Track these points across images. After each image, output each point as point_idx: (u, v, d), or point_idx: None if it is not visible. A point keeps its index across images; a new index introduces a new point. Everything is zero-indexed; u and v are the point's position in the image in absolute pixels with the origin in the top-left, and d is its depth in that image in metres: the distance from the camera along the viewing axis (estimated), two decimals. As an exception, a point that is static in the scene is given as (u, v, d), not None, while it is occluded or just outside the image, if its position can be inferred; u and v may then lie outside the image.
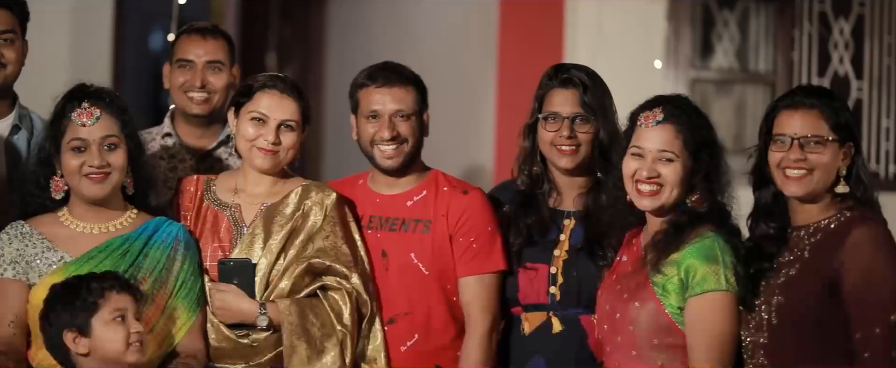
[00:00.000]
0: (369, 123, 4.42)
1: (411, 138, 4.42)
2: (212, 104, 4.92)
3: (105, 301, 3.90)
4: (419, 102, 4.46)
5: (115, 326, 3.90)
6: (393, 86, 4.41)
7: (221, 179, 4.43)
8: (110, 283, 3.93)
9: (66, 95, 4.18)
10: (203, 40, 4.93)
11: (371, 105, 4.41)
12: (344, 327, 4.20)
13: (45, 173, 4.18)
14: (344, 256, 4.25)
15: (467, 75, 6.73)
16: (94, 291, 3.90)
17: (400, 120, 4.40)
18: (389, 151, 4.40)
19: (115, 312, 3.90)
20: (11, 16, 4.70)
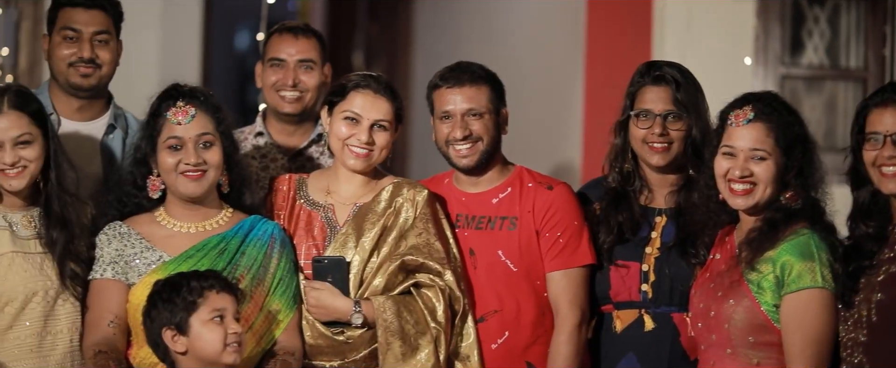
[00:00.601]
0: (443, 124, 4.44)
1: (486, 137, 4.42)
2: (304, 103, 4.95)
3: (204, 301, 3.92)
4: (493, 100, 4.45)
5: (212, 326, 3.92)
6: (463, 85, 4.42)
7: (313, 178, 4.45)
8: (210, 282, 3.95)
9: (162, 94, 4.22)
10: (295, 39, 4.97)
11: (443, 106, 4.43)
12: (437, 324, 4.22)
13: (141, 172, 4.23)
14: (437, 253, 4.27)
15: (555, 72, 6.71)
16: (194, 290, 3.92)
17: (472, 119, 4.41)
18: (463, 150, 4.41)
19: (214, 312, 3.92)
20: (106, 16, 4.77)
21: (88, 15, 4.75)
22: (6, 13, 7.97)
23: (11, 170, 4.09)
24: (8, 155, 4.08)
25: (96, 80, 4.76)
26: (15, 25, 8.23)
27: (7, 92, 4.13)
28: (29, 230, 4.16)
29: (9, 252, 4.09)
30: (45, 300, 4.10)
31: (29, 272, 4.09)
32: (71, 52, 4.73)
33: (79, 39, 4.73)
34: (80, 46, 4.72)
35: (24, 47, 8.25)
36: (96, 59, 4.74)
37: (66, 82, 4.73)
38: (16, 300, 4.06)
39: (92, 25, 4.74)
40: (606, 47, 6.29)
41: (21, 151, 4.09)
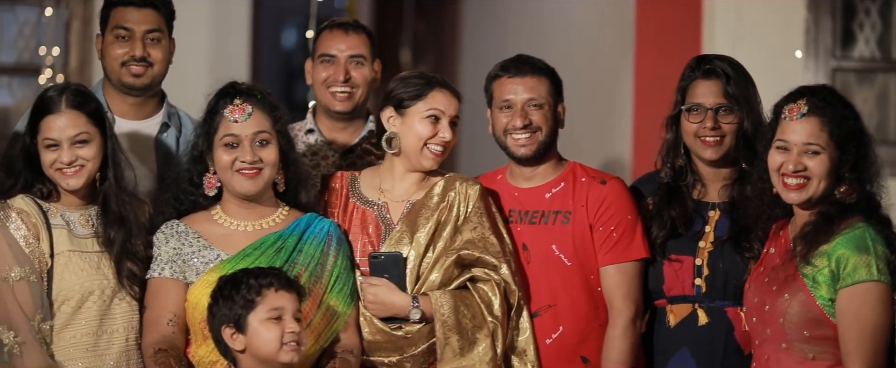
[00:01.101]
0: (503, 113, 4.46)
1: (544, 127, 4.44)
2: (354, 99, 4.96)
3: (262, 299, 3.91)
4: (552, 93, 4.47)
5: (270, 325, 3.91)
6: (525, 75, 4.45)
7: (365, 176, 4.46)
8: (269, 281, 3.93)
9: (219, 91, 4.24)
10: (345, 35, 4.98)
11: (504, 95, 4.45)
12: (494, 318, 4.22)
13: (198, 169, 4.25)
14: (492, 246, 4.27)
15: (604, 67, 6.70)
16: (252, 288, 3.91)
17: (532, 109, 4.43)
18: (522, 139, 4.42)
19: (272, 311, 3.91)
20: (158, 15, 4.80)
21: (140, 14, 4.77)
22: (56, 13, 8.03)
23: (69, 169, 4.11)
24: (65, 154, 4.10)
25: (149, 78, 4.78)
26: (65, 26, 8.30)
27: (65, 91, 4.16)
28: (86, 228, 4.18)
29: (66, 251, 4.11)
30: (101, 299, 4.12)
31: (86, 272, 4.11)
32: (123, 51, 4.76)
33: (131, 38, 4.76)
34: (133, 45, 4.75)
35: (74, 47, 8.32)
36: (148, 57, 4.77)
37: (118, 81, 4.76)
38: (72, 298, 4.08)
39: (144, 24, 4.77)
40: (656, 41, 6.27)
41: (78, 150, 4.11)
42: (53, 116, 4.11)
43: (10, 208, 4.09)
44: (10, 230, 4.05)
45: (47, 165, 4.11)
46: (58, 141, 4.11)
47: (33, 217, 4.09)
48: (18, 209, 4.08)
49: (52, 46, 7.85)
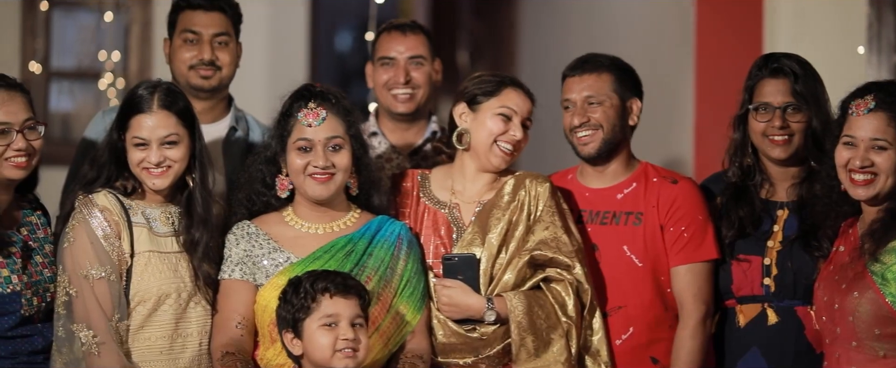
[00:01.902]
0: (566, 113, 4.47)
1: (606, 124, 4.43)
2: (416, 100, 4.97)
3: (317, 305, 3.90)
4: (617, 89, 4.46)
5: (324, 331, 3.90)
6: (584, 74, 4.46)
7: (436, 175, 4.45)
8: (325, 286, 3.91)
9: (294, 94, 4.24)
10: (404, 37, 4.99)
11: (566, 94, 4.48)
12: (568, 318, 4.21)
13: (271, 171, 4.25)
14: (565, 246, 4.26)
15: (664, 66, 6.67)
16: (307, 293, 3.91)
17: (591, 107, 4.43)
18: (584, 137, 4.43)
19: (327, 317, 3.90)
20: (226, 18, 4.84)
21: (208, 17, 4.81)
22: (117, 18, 8.09)
23: (156, 169, 4.13)
24: (154, 154, 4.12)
25: (217, 81, 4.82)
26: (125, 30, 8.36)
27: (157, 90, 4.17)
28: (166, 226, 4.20)
29: (146, 251, 4.13)
30: (177, 302, 4.14)
31: (163, 274, 4.13)
32: (191, 54, 4.79)
33: (199, 42, 4.80)
34: (201, 49, 4.79)
35: (133, 51, 8.39)
36: (216, 60, 4.81)
37: (187, 84, 4.80)
38: (149, 300, 4.10)
39: (212, 28, 4.81)
40: (716, 40, 6.23)
41: (167, 151, 4.13)
42: (144, 115, 4.13)
43: (94, 204, 4.10)
44: (93, 226, 4.07)
45: (134, 163, 4.13)
46: (147, 141, 4.12)
47: (115, 215, 4.11)
48: (102, 207, 4.10)
49: (111, 50, 7.91)
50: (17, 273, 4.08)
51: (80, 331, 4.03)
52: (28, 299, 4.08)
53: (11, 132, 4.07)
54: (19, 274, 4.08)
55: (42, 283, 4.11)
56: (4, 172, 4.09)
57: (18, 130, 4.08)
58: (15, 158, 4.08)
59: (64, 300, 4.06)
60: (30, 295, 4.09)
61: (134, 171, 4.15)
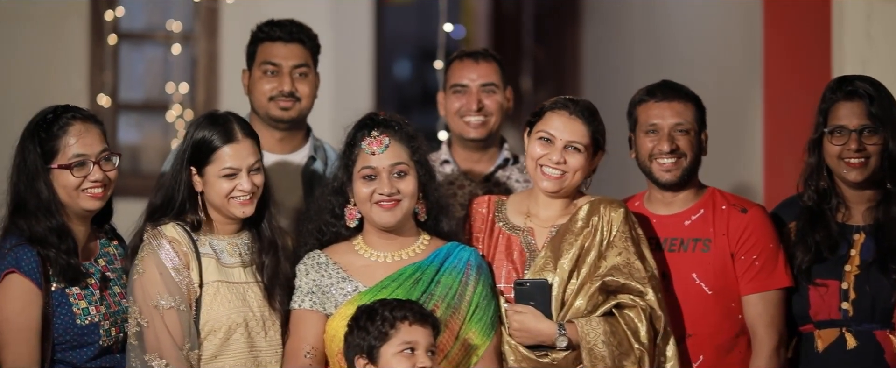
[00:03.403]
0: (648, 138, 4.44)
1: (689, 154, 4.42)
2: (488, 127, 4.97)
3: (396, 332, 3.93)
4: (697, 120, 4.46)
5: (402, 358, 3.92)
6: (672, 100, 4.43)
7: (512, 201, 4.44)
8: (404, 314, 3.94)
9: (357, 123, 4.26)
10: (475, 64, 5.00)
11: (650, 119, 4.43)
12: (641, 345, 4.17)
13: (339, 201, 4.27)
14: (637, 272, 4.22)
15: (732, 91, 6.64)
16: (386, 320, 3.93)
17: (679, 134, 4.41)
18: (668, 164, 4.40)
19: (405, 344, 3.92)
20: (305, 50, 4.88)
21: (288, 49, 4.86)
22: (184, 51, 8.18)
23: (245, 197, 4.17)
24: (245, 182, 4.16)
25: (296, 112, 4.86)
26: (192, 62, 8.44)
27: (235, 120, 4.22)
28: (233, 257, 4.22)
29: (214, 282, 4.15)
30: (247, 330, 4.15)
31: (232, 303, 4.15)
32: (271, 86, 4.84)
33: (279, 73, 4.84)
34: (281, 80, 4.84)
35: (201, 83, 8.46)
36: (296, 92, 4.84)
37: (266, 116, 4.84)
38: (220, 330, 4.12)
39: (291, 59, 4.85)
40: (785, 63, 6.19)
41: (255, 177, 4.18)
42: (230, 145, 4.17)
43: (163, 236, 4.14)
44: (162, 258, 4.11)
45: (223, 195, 4.16)
46: (237, 170, 4.16)
47: (184, 246, 4.14)
48: (170, 238, 4.13)
49: (179, 82, 7.99)
50: (96, 304, 4.13)
51: (152, 361, 4.06)
52: (106, 329, 4.13)
53: (89, 164, 4.14)
54: (97, 305, 4.13)
55: (119, 313, 4.15)
56: (82, 203, 4.15)
57: (95, 162, 4.14)
58: (92, 188, 4.15)
59: (135, 331, 4.09)
60: (108, 326, 4.13)
61: (218, 202, 4.18)
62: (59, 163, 4.12)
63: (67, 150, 4.12)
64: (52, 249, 4.06)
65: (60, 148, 4.12)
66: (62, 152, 4.12)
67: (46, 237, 4.07)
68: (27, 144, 4.14)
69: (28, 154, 4.13)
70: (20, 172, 4.13)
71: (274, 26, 4.92)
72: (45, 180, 4.11)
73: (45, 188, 4.10)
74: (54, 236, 4.08)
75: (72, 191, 4.13)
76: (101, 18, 8.24)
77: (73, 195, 4.13)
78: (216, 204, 4.19)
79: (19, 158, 4.14)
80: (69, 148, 4.12)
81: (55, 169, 4.12)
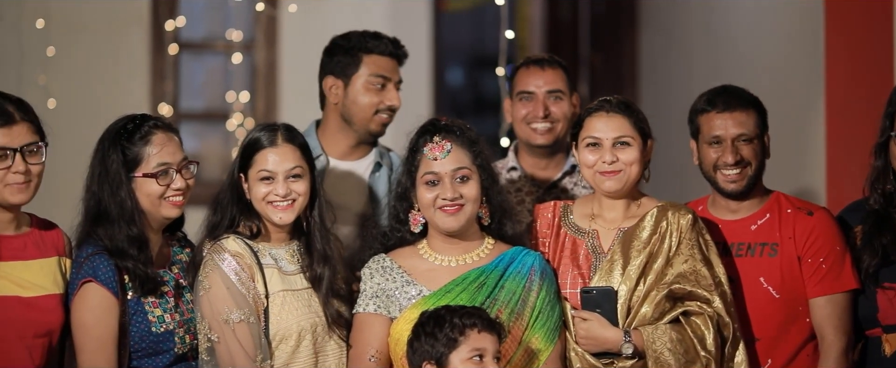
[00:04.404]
0: (712, 149, 4.43)
1: (754, 162, 4.41)
2: (555, 134, 4.99)
3: (465, 339, 3.95)
4: (760, 125, 4.45)
5: (471, 365, 3.95)
6: (734, 110, 4.42)
7: (578, 205, 4.45)
8: (473, 321, 3.97)
9: (419, 129, 4.29)
10: (541, 71, 5.02)
11: (712, 130, 4.42)
12: (707, 352, 4.16)
13: (403, 207, 4.30)
14: (704, 279, 4.21)
15: (793, 96, 6.61)
16: (455, 327, 3.96)
17: (743, 144, 4.40)
18: (732, 175, 4.40)
19: (474, 351, 3.95)
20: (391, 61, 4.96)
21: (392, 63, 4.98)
22: (245, 60, 8.24)
23: (282, 202, 4.20)
24: (281, 187, 4.19)
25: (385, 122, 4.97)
26: (252, 71, 8.50)
27: (279, 127, 4.26)
28: (293, 264, 4.25)
29: (279, 291, 4.18)
30: (314, 336, 4.18)
31: (300, 311, 4.18)
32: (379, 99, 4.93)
33: (385, 88, 4.91)
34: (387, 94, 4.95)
35: (260, 92, 8.51)
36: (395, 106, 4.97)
37: (365, 129, 4.91)
38: (290, 337, 4.15)
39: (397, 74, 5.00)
40: (846, 67, 6.16)
41: (292, 184, 4.20)
42: (270, 149, 4.21)
43: (225, 250, 4.16)
44: (227, 272, 4.13)
45: (260, 198, 4.20)
46: (274, 174, 4.20)
47: (247, 258, 4.17)
48: (233, 252, 4.16)
49: (240, 91, 8.05)
50: (170, 312, 4.16)
51: None
52: (181, 337, 4.17)
53: (171, 172, 4.19)
54: (172, 313, 4.17)
55: (193, 321, 4.18)
56: (164, 211, 4.20)
57: (177, 170, 4.19)
58: (174, 196, 4.20)
59: (206, 347, 4.12)
60: (182, 333, 4.17)
61: (259, 207, 4.22)
62: (144, 172, 4.17)
63: (151, 159, 4.17)
64: (129, 260, 4.11)
65: (144, 157, 4.17)
66: (146, 161, 4.17)
67: (126, 248, 4.11)
68: (109, 152, 4.17)
69: (110, 163, 4.16)
70: (101, 180, 4.17)
71: (380, 39, 5.02)
72: (127, 189, 4.15)
73: (127, 197, 4.14)
74: (133, 246, 4.12)
75: (155, 199, 4.18)
76: (161, 28, 8.33)
77: (155, 204, 4.18)
78: (258, 209, 4.23)
79: (100, 167, 4.18)
80: (152, 157, 4.17)
81: (139, 178, 4.17)
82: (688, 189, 5.24)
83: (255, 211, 4.24)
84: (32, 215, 4.21)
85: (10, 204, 4.06)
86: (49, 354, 4.10)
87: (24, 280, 4.07)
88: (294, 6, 8.04)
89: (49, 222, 4.25)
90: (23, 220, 4.16)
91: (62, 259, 4.19)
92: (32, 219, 4.21)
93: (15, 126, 4.04)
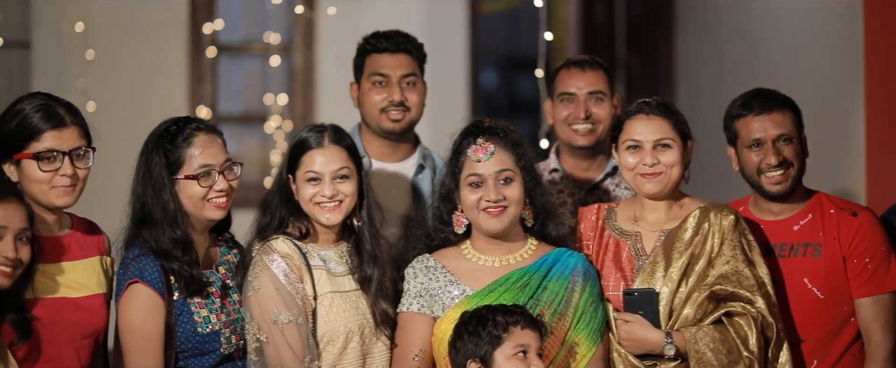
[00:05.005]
0: (753, 152, 4.43)
1: (796, 162, 4.41)
2: (596, 135, 4.98)
3: (509, 336, 3.98)
4: (797, 125, 4.45)
5: (516, 361, 3.98)
6: (771, 111, 4.42)
7: (622, 207, 4.46)
8: (516, 318, 4.00)
9: (463, 131, 4.31)
10: (583, 73, 5.02)
11: (752, 134, 4.42)
12: (750, 353, 4.16)
13: (447, 208, 4.32)
14: (746, 280, 4.21)
15: (832, 97, 6.59)
16: (499, 324, 3.99)
17: (783, 144, 4.40)
18: (776, 176, 4.39)
19: (518, 347, 3.98)
20: (412, 60, 4.94)
21: (395, 59, 4.92)
22: (282, 62, 8.27)
23: (329, 203, 4.22)
24: (327, 188, 4.21)
25: (407, 123, 4.93)
26: (290, 74, 8.53)
27: (326, 128, 4.28)
28: (342, 265, 4.27)
29: (328, 293, 4.20)
30: (361, 337, 4.20)
31: (347, 312, 4.20)
32: (381, 97, 4.91)
33: (388, 84, 4.90)
34: (390, 90, 4.90)
35: (298, 95, 8.54)
36: (405, 101, 4.90)
37: (378, 127, 4.90)
38: (338, 339, 4.17)
39: (399, 69, 4.91)
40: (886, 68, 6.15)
41: (339, 185, 4.22)
42: (317, 151, 4.24)
43: (274, 251, 4.18)
44: (276, 273, 4.15)
45: (307, 199, 4.22)
46: (320, 175, 4.22)
47: (296, 260, 4.18)
48: (283, 253, 4.18)
49: (278, 93, 8.08)
50: (216, 313, 4.18)
51: None
52: (227, 337, 4.18)
53: (213, 174, 4.20)
54: (218, 313, 4.19)
55: (239, 321, 4.21)
56: (207, 213, 4.21)
57: (219, 172, 4.21)
58: (217, 198, 4.21)
59: (255, 347, 4.14)
60: (228, 333, 4.19)
61: (306, 208, 4.24)
62: (186, 174, 4.18)
63: (193, 161, 4.18)
64: (175, 262, 4.13)
65: (186, 159, 4.18)
66: (188, 163, 4.18)
67: (171, 249, 4.13)
68: (152, 155, 4.19)
69: (153, 166, 4.18)
70: (145, 183, 4.19)
71: (381, 38, 4.99)
72: (170, 191, 4.16)
73: (170, 199, 4.16)
74: (179, 248, 4.14)
75: (197, 201, 4.19)
76: (199, 32, 8.38)
77: (198, 205, 4.20)
78: (306, 210, 4.25)
79: (144, 169, 4.20)
80: (194, 159, 4.18)
81: (181, 180, 4.18)
82: (727, 190, 5.23)
83: (303, 212, 4.26)
84: (73, 215, 4.25)
85: (55, 206, 4.10)
86: (95, 354, 4.14)
87: (71, 281, 4.11)
88: (333, 9, 8.08)
89: (89, 222, 4.29)
90: (64, 221, 4.20)
91: (104, 258, 4.23)
92: (73, 219, 4.24)
93: (65, 129, 4.08)
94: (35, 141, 4.03)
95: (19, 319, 3.93)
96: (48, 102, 4.09)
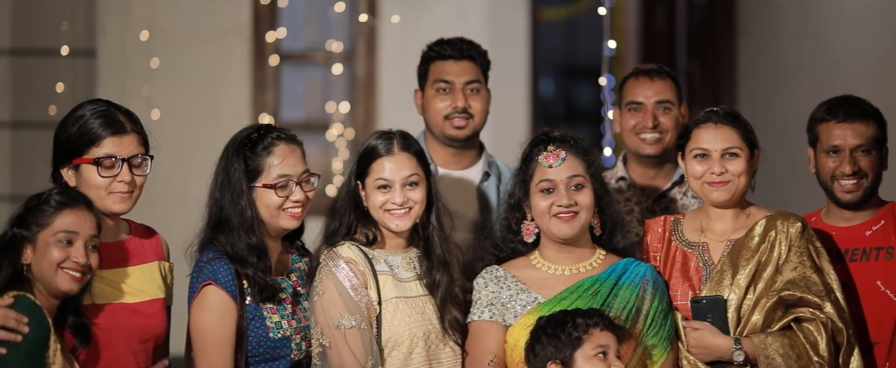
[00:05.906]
0: (830, 158, 4.43)
1: (871, 173, 4.41)
2: (664, 144, 4.98)
3: (589, 337, 4.01)
4: (879, 137, 4.45)
5: (596, 361, 4.01)
6: (853, 121, 4.42)
7: (688, 218, 4.46)
8: (595, 320, 4.03)
9: (533, 140, 4.32)
10: (651, 82, 5.02)
11: (832, 140, 4.42)
12: (821, 358, 4.15)
13: (516, 217, 4.33)
14: (814, 286, 4.21)
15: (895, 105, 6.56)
16: (579, 326, 4.02)
17: (860, 155, 4.40)
18: (849, 185, 4.39)
19: (598, 348, 4.01)
20: (476, 66, 4.96)
21: (459, 66, 4.94)
22: (345, 70, 8.31)
23: (399, 210, 4.23)
24: (397, 195, 4.22)
25: (471, 130, 4.95)
26: (352, 82, 8.57)
27: (395, 135, 4.29)
28: (408, 271, 4.29)
29: (393, 298, 4.21)
30: (427, 343, 4.21)
31: (412, 318, 4.21)
32: (445, 104, 4.92)
33: (452, 91, 4.92)
34: (454, 97, 4.92)
35: (360, 102, 8.58)
36: (469, 108, 4.92)
37: (442, 134, 4.93)
38: (402, 344, 4.18)
39: (463, 76, 4.94)
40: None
41: (409, 191, 4.23)
42: (386, 158, 4.25)
43: (339, 256, 4.20)
44: (340, 278, 4.17)
45: (377, 206, 4.24)
46: (390, 182, 4.23)
47: (361, 265, 4.20)
48: (347, 258, 4.20)
49: (340, 101, 8.13)
50: (288, 319, 4.21)
51: None
52: (297, 343, 4.21)
53: (291, 184, 4.22)
54: (289, 319, 4.21)
55: (309, 328, 4.22)
56: (281, 222, 4.24)
57: (297, 182, 4.24)
58: (292, 208, 4.23)
59: (318, 352, 4.16)
60: (299, 340, 4.21)
61: (375, 215, 4.25)
62: (264, 182, 4.20)
63: (271, 170, 4.20)
64: (249, 267, 4.15)
65: (265, 167, 4.20)
66: (267, 172, 4.20)
67: (246, 255, 4.16)
68: (232, 161, 4.22)
69: (233, 172, 4.21)
70: (223, 188, 4.21)
71: (444, 45, 5.01)
72: (248, 198, 4.19)
73: (248, 206, 4.18)
74: (254, 255, 4.17)
75: (273, 210, 4.21)
76: (262, 40, 8.44)
77: (274, 214, 4.22)
78: (375, 217, 4.26)
79: (223, 175, 4.23)
80: (273, 168, 4.21)
81: (259, 188, 4.21)
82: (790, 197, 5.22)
83: (371, 218, 4.28)
84: (131, 220, 4.28)
85: (112, 212, 4.13)
86: (153, 359, 4.17)
87: (129, 286, 4.14)
88: (396, 17, 8.12)
89: (147, 228, 4.32)
90: (122, 227, 4.23)
91: (162, 264, 4.26)
92: (131, 225, 4.28)
93: (125, 136, 4.12)
94: (95, 147, 4.07)
95: (78, 324, 3.98)
96: (109, 108, 4.13)
